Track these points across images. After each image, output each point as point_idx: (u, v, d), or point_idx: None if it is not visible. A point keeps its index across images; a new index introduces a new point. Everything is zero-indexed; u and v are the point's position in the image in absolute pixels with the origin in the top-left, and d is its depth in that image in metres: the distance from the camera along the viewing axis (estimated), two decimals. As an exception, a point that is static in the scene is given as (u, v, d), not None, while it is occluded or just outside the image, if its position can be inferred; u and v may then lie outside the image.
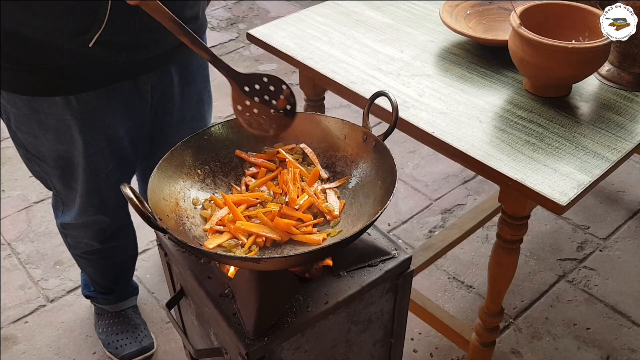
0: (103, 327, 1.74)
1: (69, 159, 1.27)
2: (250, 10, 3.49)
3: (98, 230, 1.48)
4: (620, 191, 2.23)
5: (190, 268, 1.03)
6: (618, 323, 1.78)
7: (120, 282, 1.70)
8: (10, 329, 1.80)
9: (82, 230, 1.48)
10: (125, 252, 1.65)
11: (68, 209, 1.43)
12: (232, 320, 0.94)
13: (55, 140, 1.23)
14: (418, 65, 1.36)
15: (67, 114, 1.18)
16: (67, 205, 1.42)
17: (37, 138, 1.24)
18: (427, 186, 2.28)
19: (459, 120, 1.20)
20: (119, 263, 1.65)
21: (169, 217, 0.93)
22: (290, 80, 2.83)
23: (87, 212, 1.41)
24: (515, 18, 1.19)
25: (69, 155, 1.27)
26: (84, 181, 1.31)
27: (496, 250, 1.26)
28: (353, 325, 1.05)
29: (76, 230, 1.49)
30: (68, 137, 1.23)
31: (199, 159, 1.05)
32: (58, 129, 1.21)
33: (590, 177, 1.06)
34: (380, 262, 1.02)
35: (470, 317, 1.79)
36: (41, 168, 1.32)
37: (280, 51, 1.42)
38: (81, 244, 1.53)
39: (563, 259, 1.98)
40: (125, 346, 1.69)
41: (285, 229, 0.95)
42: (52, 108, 1.17)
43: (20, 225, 2.14)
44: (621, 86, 1.27)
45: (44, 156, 1.28)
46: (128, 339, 1.70)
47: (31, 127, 1.21)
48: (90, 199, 1.37)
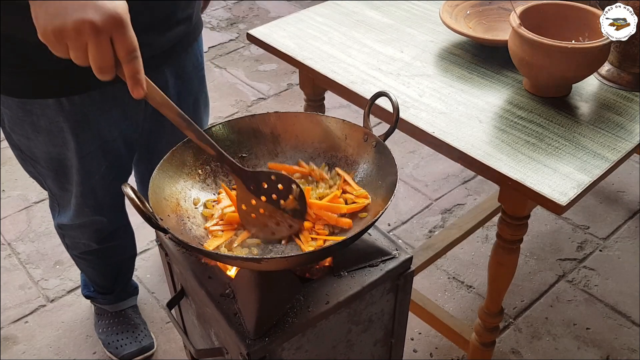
0: (103, 327, 1.74)
1: (62, 160, 1.27)
2: (250, 10, 3.49)
3: (95, 230, 1.48)
4: (620, 191, 2.23)
5: (191, 268, 1.03)
6: (618, 323, 1.78)
7: (120, 282, 1.70)
8: (10, 329, 1.80)
9: (79, 230, 1.48)
10: (124, 252, 1.65)
11: (64, 210, 1.42)
12: (233, 320, 0.94)
13: (48, 142, 1.23)
14: (418, 66, 1.36)
15: (59, 116, 1.17)
16: (62, 206, 1.42)
17: (30, 140, 1.23)
18: (427, 186, 2.28)
19: (459, 120, 1.20)
20: (117, 263, 1.65)
21: (169, 217, 0.93)
22: (290, 80, 2.84)
23: (84, 213, 1.41)
24: (515, 18, 1.19)
25: (62, 157, 1.26)
26: (78, 183, 1.31)
27: (496, 250, 1.27)
28: (354, 326, 1.05)
29: (73, 231, 1.49)
30: (60, 139, 1.22)
31: (199, 159, 1.05)
32: (50, 131, 1.20)
33: (590, 177, 1.06)
34: (381, 262, 1.02)
35: (470, 317, 1.79)
36: (35, 169, 1.32)
37: (280, 51, 1.42)
38: (79, 244, 1.53)
39: (563, 259, 1.98)
40: (126, 346, 1.69)
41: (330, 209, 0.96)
42: (44, 110, 1.16)
43: (20, 225, 2.14)
44: (621, 86, 1.27)
45: (37, 157, 1.28)
46: (128, 338, 1.70)
47: (24, 129, 1.21)
48: (85, 200, 1.36)
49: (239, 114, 2.66)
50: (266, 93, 2.79)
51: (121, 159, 1.35)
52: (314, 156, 1.09)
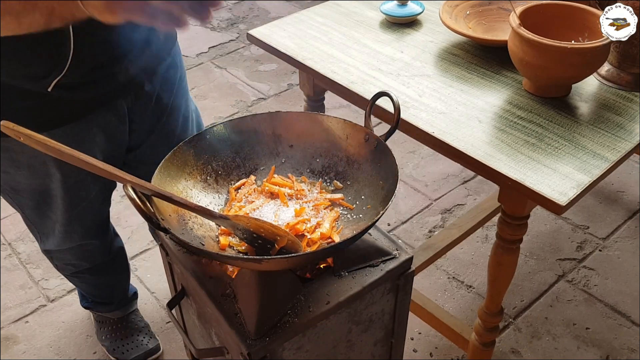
0: (106, 334, 1.72)
1: (45, 191, 1.24)
2: (251, 10, 3.49)
3: (85, 251, 1.45)
4: (619, 191, 2.23)
5: (191, 268, 1.03)
6: (617, 323, 1.78)
7: (117, 294, 1.68)
8: (10, 329, 1.80)
9: (69, 253, 1.44)
10: (118, 266, 1.62)
11: (46, 238, 1.39)
12: (234, 320, 0.94)
13: (30, 176, 1.20)
14: (418, 66, 1.36)
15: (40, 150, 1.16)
16: (43, 233, 1.38)
17: (9, 174, 1.20)
18: (427, 186, 2.28)
19: (459, 121, 1.20)
20: (112, 277, 1.62)
21: (171, 216, 0.93)
22: (290, 80, 2.84)
23: (72, 239, 1.38)
24: (514, 18, 1.19)
25: (44, 188, 1.23)
26: (64, 211, 1.28)
27: (496, 250, 1.27)
28: (354, 326, 1.05)
29: (62, 254, 1.45)
30: (43, 172, 1.19)
31: (201, 159, 1.05)
32: (31, 165, 1.17)
33: (590, 177, 1.06)
34: (382, 263, 1.03)
35: (470, 317, 1.79)
36: (13, 200, 1.28)
37: (280, 51, 1.43)
38: (69, 266, 1.50)
39: (563, 258, 1.99)
40: (132, 350, 1.67)
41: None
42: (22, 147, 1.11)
43: (21, 225, 2.13)
44: (621, 86, 1.27)
45: (18, 190, 1.24)
46: (134, 342, 1.68)
47: (3, 165, 1.18)
48: (73, 227, 1.34)
49: (239, 114, 2.66)
50: (266, 93, 2.79)
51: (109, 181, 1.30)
52: (315, 156, 1.09)
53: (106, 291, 1.65)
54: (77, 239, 1.38)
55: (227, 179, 1.07)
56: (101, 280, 1.59)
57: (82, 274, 1.53)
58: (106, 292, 1.65)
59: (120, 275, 1.65)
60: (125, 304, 1.72)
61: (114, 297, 1.67)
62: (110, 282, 1.63)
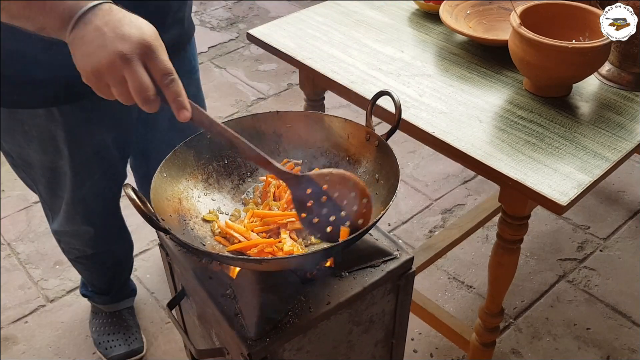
0: (96, 325, 1.74)
1: (55, 168, 1.26)
2: (250, 10, 3.49)
3: (88, 238, 1.47)
4: (620, 191, 2.23)
5: (191, 268, 1.03)
6: (618, 323, 1.78)
7: (116, 284, 1.70)
8: (10, 329, 1.80)
9: (73, 237, 1.48)
10: (120, 256, 1.65)
11: (55, 216, 1.42)
12: (234, 320, 0.94)
13: (41, 150, 1.22)
14: (418, 65, 1.36)
15: (51, 125, 1.16)
16: (53, 211, 1.41)
17: (22, 148, 1.22)
18: (427, 186, 2.28)
19: (459, 120, 1.20)
20: (113, 266, 1.65)
21: (171, 217, 0.93)
22: (290, 80, 2.84)
23: (74, 221, 1.40)
24: (515, 18, 1.19)
25: (55, 165, 1.25)
26: (70, 190, 1.30)
27: (496, 250, 1.27)
28: (355, 326, 1.05)
29: (67, 237, 1.49)
30: (53, 148, 1.21)
31: (202, 159, 1.05)
32: (42, 140, 1.19)
33: (591, 177, 1.06)
34: (382, 263, 1.02)
35: (470, 317, 1.79)
36: (28, 175, 1.31)
37: (280, 51, 1.42)
38: (73, 250, 1.53)
39: (563, 259, 1.98)
40: (115, 347, 1.69)
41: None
42: (35, 120, 1.15)
43: (20, 225, 2.14)
44: (621, 86, 1.27)
45: (30, 164, 1.27)
46: (118, 340, 1.70)
47: (15, 138, 1.20)
48: (75, 208, 1.36)
49: (239, 113, 2.66)
50: (266, 93, 2.79)
51: (116, 167, 1.34)
52: (316, 155, 1.09)
53: (106, 280, 1.67)
54: (78, 221, 1.40)
55: (228, 179, 1.07)
56: (103, 268, 1.62)
57: (85, 259, 1.56)
58: (105, 282, 1.67)
59: (122, 265, 1.68)
60: (121, 298, 1.74)
61: (112, 287, 1.69)
62: (112, 271, 1.65)
